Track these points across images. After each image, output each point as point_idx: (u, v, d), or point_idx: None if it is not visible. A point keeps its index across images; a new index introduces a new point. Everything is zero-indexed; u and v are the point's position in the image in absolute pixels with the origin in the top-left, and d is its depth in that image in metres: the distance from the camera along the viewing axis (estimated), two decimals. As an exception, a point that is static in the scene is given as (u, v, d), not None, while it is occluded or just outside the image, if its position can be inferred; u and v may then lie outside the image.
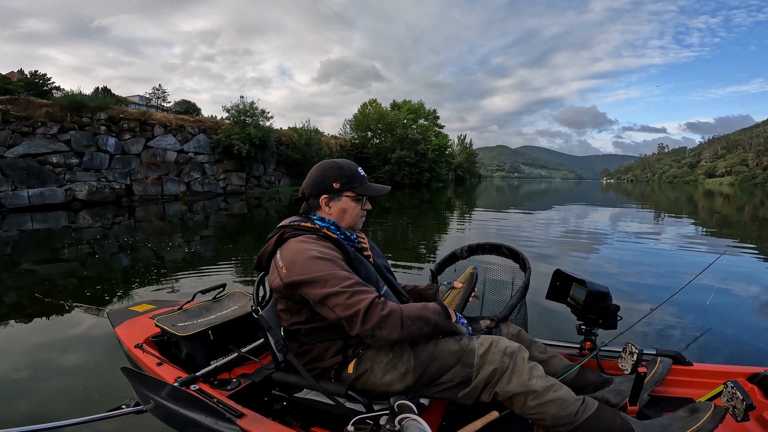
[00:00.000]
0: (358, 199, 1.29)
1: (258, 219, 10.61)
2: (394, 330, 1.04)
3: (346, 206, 1.28)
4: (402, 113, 35.89)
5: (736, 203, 18.75)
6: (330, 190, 1.26)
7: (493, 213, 12.09)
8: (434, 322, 1.13)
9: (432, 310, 1.15)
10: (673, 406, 1.27)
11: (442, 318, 1.15)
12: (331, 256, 1.15)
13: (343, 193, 1.27)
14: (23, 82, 17.96)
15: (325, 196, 1.27)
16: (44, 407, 1.80)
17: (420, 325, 1.10)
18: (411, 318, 1.08)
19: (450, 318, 1.18)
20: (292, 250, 1.17)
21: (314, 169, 1.31)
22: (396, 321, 1.05)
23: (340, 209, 1.27)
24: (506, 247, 1.67)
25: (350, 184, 1.27)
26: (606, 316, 1.48)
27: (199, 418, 1.17)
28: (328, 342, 1.22)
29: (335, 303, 1.06)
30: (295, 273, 1.12)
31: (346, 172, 1.28)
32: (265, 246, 1.28)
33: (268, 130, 20.15)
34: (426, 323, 1.11)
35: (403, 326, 1.05)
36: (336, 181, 1.26)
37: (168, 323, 1.67)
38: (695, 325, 2.73)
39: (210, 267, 4.58)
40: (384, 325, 1.04)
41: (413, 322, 1.08)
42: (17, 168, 12.17)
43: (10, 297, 3.59)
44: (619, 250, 5.91)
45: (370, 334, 1.04)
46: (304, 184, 1.32)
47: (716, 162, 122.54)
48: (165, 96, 31.62)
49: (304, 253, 1.14)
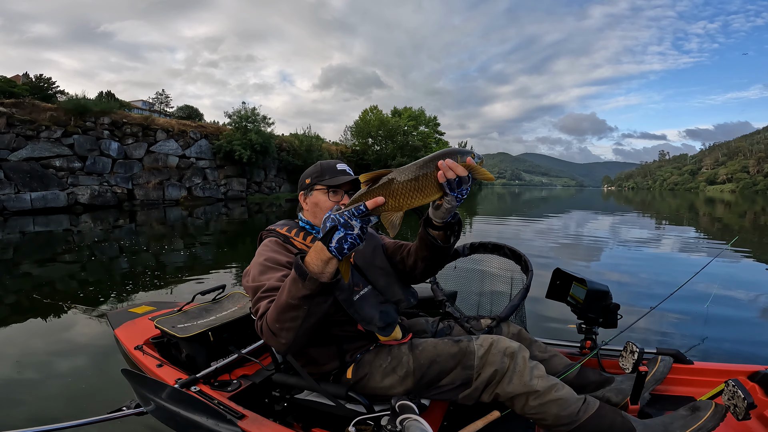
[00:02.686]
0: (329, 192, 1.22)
1: (258, 224, 10.62)
2: (274, 342, 0.94)
3: (317, 200, 1.25)
4: (403, 120, 36.07)
5: (738, 210, 18.74)
6: (303, 187, 1.29)
7: (495, 220, 12.09)
8: (294, 302, 0.89)
9: (287, 285, 0.91)
10: (674, 404, 1.27)
11: (297, 288, 0.88)
12: (272, 262, 1.11)
13: (314, 187, 1.26)
14: (28, 86, 18.13)
15: (302, 192, 1.29)
16: (45, 409, 1.79)
17: (287, 317, 0.90)
18: (274, 319, 0.92)
19: (303, 277, 0.87)
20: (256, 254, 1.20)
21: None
22: (269, 334, 0.94)
23: (312, 204, 1.26)
24: (508, 248, 1.67)
25: (320, 177, 1.25)
26: (606, 315, 1.48)
27: (200, 419, 1.16)
28: (323, 347, 1.21)
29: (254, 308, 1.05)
30: (248, 277, 1.14)
31: (320, 168, 1.27)
32: None
33: (269, 136, 20.27)
34: (293, 309, 0.89)
35: (275, 332, 0.92)
36: (308, 177, 1.28)
37: (168, 324, 1.67)
38: (696, 324, 2.73)
39: (210, 270, 4.58)
40: (269, 341, 0.96)
41: (280, 322, 0.91)
42: (20, 171, 12.23)
43: (12, 299, 3.59)
44: (620, 255, 5.91)
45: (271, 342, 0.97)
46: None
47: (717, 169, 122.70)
48: (168, 101, 31.90)
49: (258, 257, 1.16)
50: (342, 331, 1.20)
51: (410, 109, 38.99)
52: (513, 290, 1.60)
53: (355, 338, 1.22)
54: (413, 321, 1.47)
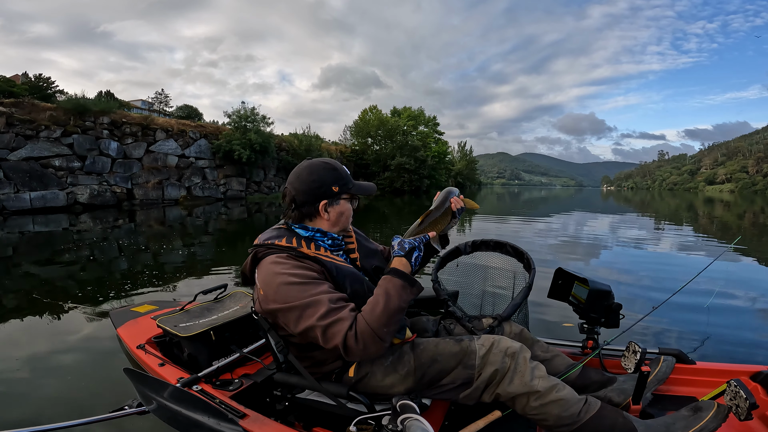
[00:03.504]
0: (351, 200, 1.23)
1: (258, 224, 10.61)
2: (377, 347, 0.98)
3: (343, 209, 1.19)
4: (402, 120, 36.07)
5: (737, 210, 18.76)
6: (330, 195, 1.16)
7: (494, 220, 12.09)
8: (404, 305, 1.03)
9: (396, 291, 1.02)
10: (676, 404, 1.27)
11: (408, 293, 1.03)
12: (306, 278, 1.06)
13: (341, 195, 1.18)
14: (27, 85, 18.12)
15: (325, 201, 1.16)
16: (47, 408, 1.79)
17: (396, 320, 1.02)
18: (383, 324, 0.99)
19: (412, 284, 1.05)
20: (267, 272, 1.09)
21: (304, 172, 1.17)
22: (372, 339, 0.97)
23: (338, 213, 1.19)
24: (511, 246, 1.67)
25: (346, 185, 1.19)
26: (608, 315, 1.48)
27: (202, 418, 1.16)
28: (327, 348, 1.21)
29: (314, 336, 1.01)
30: (271, 300, 1.06)
31: (341, 173, 1.19)
32: (245, 263, 1.21)
33: (268, 135, 20.27)
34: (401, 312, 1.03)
35: (382, 337, 0.98)
36: (335, 184, 1.16)
37: (170, 324, 1.67)
38: (698, 324, 2.72)
39: (210, 269, 4.58)
40: (367, 349, 0.98)
41: (388, 326, 1.00)
42: (20, 171, 12.22)
43: (12, 299, 3.59)
44: (620, 255, 5.91)
45: (360, 359, 1.09)
46: (293, 190, 1.17)
47: (716, 169, 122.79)
48: (167, 100, 31.87)
49: (277, 277, 1.06)
50: None
51: (409, 109, 39.00)
52: (515, 289, 1.60)
53: None
54: (414, 320, 1.47)
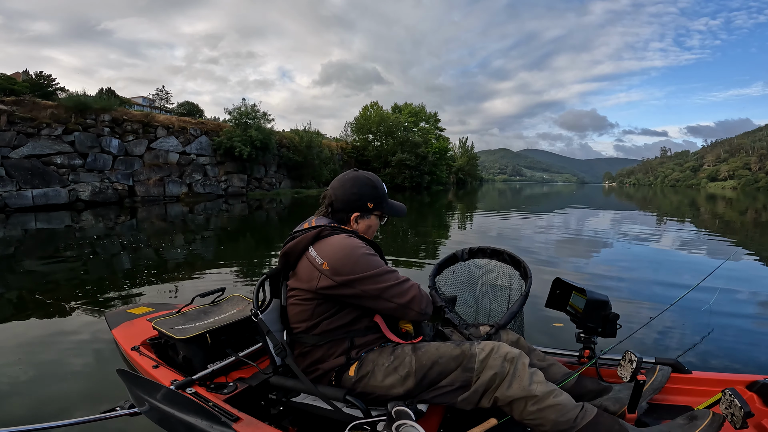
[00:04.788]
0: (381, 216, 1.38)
1: (259, 221, 10.63)
2: (430, 305, 1.27)
3: (372, 223, 1.34)
4: (403, 116, 35.94)
5: (739, 207, 18.67)
6: (363, 209, 1.30)
7: (495, 216, 12.07)
8: None
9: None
10: (671, 413, 1.26)
11: None
12: (375, 254, 1.24)
13: (374, 212, 1.32)
14: (28, 83, 18.10)
15: (357, 214, 1.29)
16: (39, 407, 1.79)
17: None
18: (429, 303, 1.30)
19: None
20: (339, 246, 1.17)
21: (348, 183, 1.31)
22: (429, 299, 1.28)
23: (367, 225, 1.33)
24: (508, 254, 1.66)
25: (381, 205, 1.33)
26: (605, 325, 1.47)
27: (194, 421, 1.16)
28: (336, 342, 1.22)
29: (394, 293, 1.17)
30: (349, 270, 1.14)
31: (379, 192, 1.32)
32: (297, 241, 1.22)
33: (269, 132, 20.21)
34: None
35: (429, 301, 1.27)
36: (371, 201, 1.31)
37: (166, 326, 1.66)
38: (694, 333, 2.70)
39: (209, 270, 4.58)
40: (429, 304, 1.26)
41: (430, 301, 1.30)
42: (22, 168, 12.24)
43: (10, 296, 3.60)
44: (620, 255, 5.89)
45: (424, 312, 1.24)
46: (333, 195, 1.30)
47: (719, 166, 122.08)
48: (168, 97, 31.77)
49: (357, 249, 1.17)
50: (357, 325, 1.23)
51: (410, 105, 38.85)
52: (512, 297, 1.59)
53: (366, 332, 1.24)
54: (412, 326, 1.48)
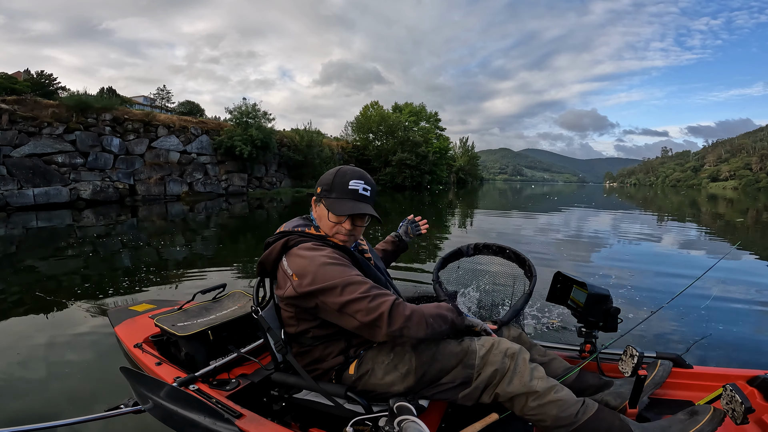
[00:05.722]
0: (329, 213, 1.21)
1: (259, 220, 10.63)
2: (420, 329, 1.04)
3: (321, 214, 1.24)
4: (403, 116, 35.90)
5: (740, 207, 18.64)
6: (316, 194, 1.27)
7: (496, 215, 12.06)
8: (450, 319, 1.14)
9: (446, 308, 1.15)
10: (672, 408, 1.27)
11: (455, 315, 1.16)
12: (343, 262, 1.13)
13: (322, 200, 1.23)
14: (29, 82, 18.11)
15: (314, 197, 1.28)
16: (42, 406, 1.79)
17: (440, 322, 1.10)
18: (432, 316, 1.08)
19: (462, 315, 1.19)
20: (302, 257, 1.13)
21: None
22: (420, 320, 1.05)
23: (318, 215, 1.26)
24: (513, 251, 1.66)
25: (328, 192, 1.21)
26: (606, 319, 1.47)
27: (198, 418, 1.16)
28: (332, 343, 1.21)
29: (356, 309, 1.03)
30: (309, 281, 1.08)
31: (333, 180, 1.22)
32: (268, 251, 1.22)
33: (269, 131, 20.20)
34: (444, 321, 1.11)
35: (427, 324, 1.06)
36: (320, 185, 1.24)
37: (168, 323, 1.67)
38: (695, 328, 2.71)
39: (210, 267, 4.58)
40: (410, 324, 1.03)
41: (434, 320, 1.08)
42: (23, 167, 12.26)
43: (13, 294, 3.61)
44: (621, 254, 5.88)
45: (399, 334, 1.03)
46: None
47: (720, 166, 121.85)
48: (169, 97, 31.78)
49: (315, 260, 1.11)
50: None
51: (411, 105, 38.78)
52: (515, 294, 1.60)
53: None
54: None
